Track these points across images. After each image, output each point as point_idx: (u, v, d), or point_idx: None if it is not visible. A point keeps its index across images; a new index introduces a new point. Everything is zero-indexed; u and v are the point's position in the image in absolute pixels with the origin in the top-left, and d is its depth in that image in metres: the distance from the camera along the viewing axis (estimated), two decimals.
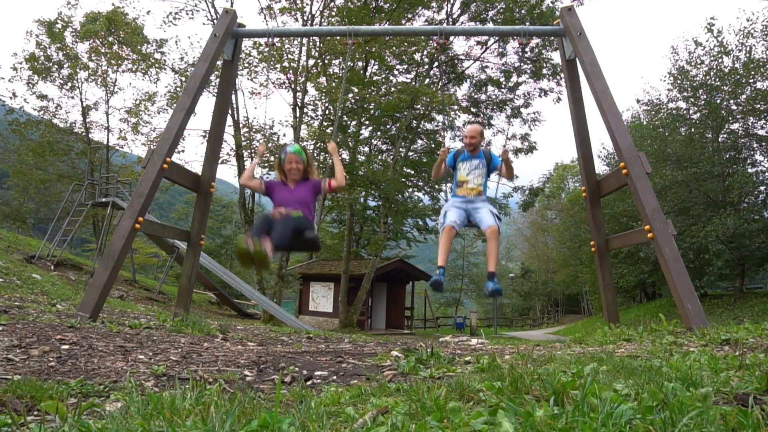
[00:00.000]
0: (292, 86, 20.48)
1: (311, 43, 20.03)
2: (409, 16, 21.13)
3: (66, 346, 3.28)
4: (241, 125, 20.63)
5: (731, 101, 20.20)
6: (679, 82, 21.33)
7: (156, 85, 79.32)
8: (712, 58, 20.38)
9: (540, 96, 24.18)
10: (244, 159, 20.97)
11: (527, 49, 20.76)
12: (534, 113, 25.01)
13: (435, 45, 7.39)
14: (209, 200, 6.57)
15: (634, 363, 2.18)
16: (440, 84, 21.28)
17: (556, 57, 21.72)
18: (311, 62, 20.50)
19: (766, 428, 1.18)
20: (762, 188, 20.95)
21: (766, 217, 20.42)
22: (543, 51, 22.31)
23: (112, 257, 5.31)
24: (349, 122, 22.54)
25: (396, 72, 23.23)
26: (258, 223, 3.73)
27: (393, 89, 21.00)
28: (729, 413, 1.24)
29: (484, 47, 23.42)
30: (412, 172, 25.14)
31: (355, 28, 6.35)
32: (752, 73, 19.16)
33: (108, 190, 20.31)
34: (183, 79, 21.41)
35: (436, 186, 23.65)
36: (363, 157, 23.20)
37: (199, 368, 2.91)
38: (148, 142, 25.29)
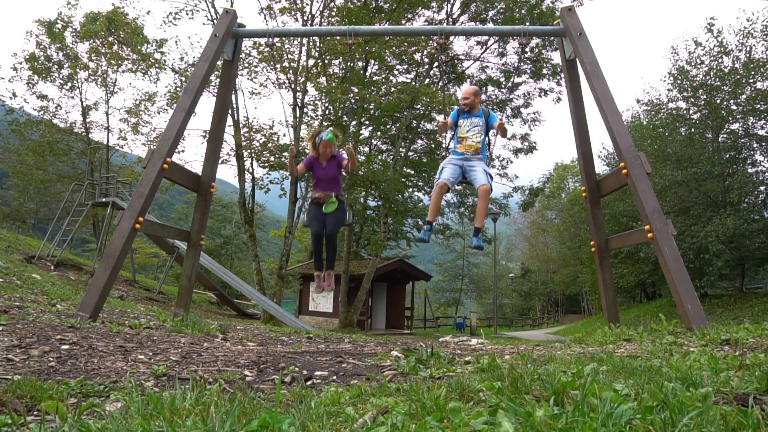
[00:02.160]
0: (292, 86, 20.48)
1: (311, 43, 20.03)
2: (409, 16, 21.12)
3: (66, 346, 3.28)
4: (241, 125, 20.63)
5: (731, 101, 20.19)
6: (679, 82, 21.32)
7: (156, 85, 79.53)
8: (712, 58, 20.36)
9: (540, 96, 24.20)
10: (244, 159, 20.98)
11: (527, 49, 20.77)
12: (534, 113, 25.06)
13: (435, 45, 7.57)
14: (209, 200, 6.57)
15: (634, 363, 2.18)
16: (440, 84, 21.29)
17: (556, 57, 21.75)
18: (311, 62, 20.50)
19: (766, 428, 1.18)
20: (762, 188, 20.94)
21: (766, 217, 20.40)
22: (543, 51, 22.32)
23: (112, 257, 5.31)
24: (349, 122, 22.52)
25: (396, 72, 23.24)
26: (312, 221, 5.16)
27: (393, 89, 21.00)
28: (729, 413, 1.24)
29: (484, 47, 23.42)
30: (412, 172, 25.15)
31: (355, 28, 6.35)
32: (752, 73, 19.14)
33: (108, 190, 20.31)
34: (183, 79, 21.40)
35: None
36: (363, 157, 23.20)
37: (199, 368, 2.91)
38: (148, 142, 25.30)
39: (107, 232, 19.46)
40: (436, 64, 21.45)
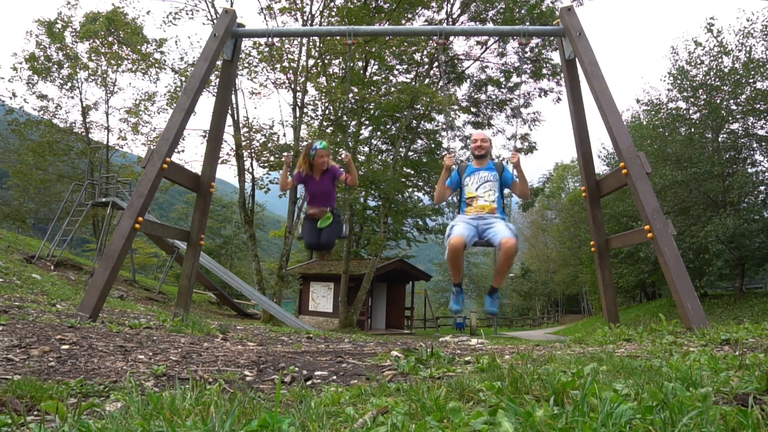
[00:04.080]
0: (292, 86, 20.48)
1: (311, 43, 20.03)
2: (409, 16, 21.13)
3: (66, 346, 3.28)
4: (241, 125, 20.63)
5: (731, 101, 20.21)
6: (679, 82, 21.33)
7: (156, 85, 79.67)
8: (711, 58, 20.37)
9: (540, 96, 24.22)
10: (244, 159, 20.98)
11: (527, 49, 20.76)
12: (534, 113, 25.07)
13: (435, 45, 7.20)
14: (209, 200, 6.57)
15: (634, 363, 2.18)
16: (440, 84, 21.28)
17: (556, 57, 21.75)
18: (311, 62, 20.50)
19: (766, 428, 1.18)
20: (762, 188, 20.96)
21: (766, 217, 20.42)
22: (543, 51, 22.32)
23: (112, 257, 5.31)
24: (349, 122, 22.54)
25: (396, 72, 23.24)
26: (306, 234, 4.99)
27: (393, 89, 21.00)
28: (729, 413, 1.24)
29: (484, 47, 23.43)
30: (412, 172, 25.15)
31: (355, 28, 6.35)
32: (752, 73, 19.15)
33: (108, 190, 20.33)
34: (183, 79, 21.41)
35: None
36: (363, 157, 23.21)
37: (199, 368, 2.91)
38: (148, 142, 25.30)
39: (107, 232, 19.46)
40: (436, 64, 21.44)
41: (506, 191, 4.56)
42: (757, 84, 19.49)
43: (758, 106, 19.39)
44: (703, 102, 20.61)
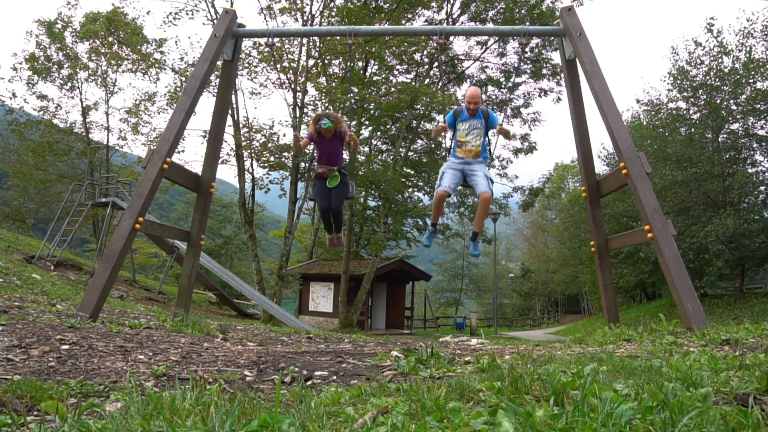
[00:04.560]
0: (292, 86, 20.48)
1: (311, 43, 20.03)
2: (409, 16, 21.13)
3: (66, 346, 3.28)
4: (241, 125, 20.63)
5: (731, 101, 20.19)
6: (679, 82, 21.32)
7: (156, 85, 79.59)
8: (712, 59, 20.36)
9: (540, 96, 24.20)
10: (244, 159, 20.98)
11: (527, 49, 20.77)
12: (534, 113, 25.06)
13: (435, 45, 7.49)
14: (209, 200, 6.57)
15: (634, 363, 2.18)
16: (440, 84, 21.29)
17: (556, 57, 21.75)
18: (311, 62, 20.50)
19: (766, 428, 1.18)
20: (762, 188, 20.94)
21: (766, 217, 20.40)
22: (543, 51, 22.31)
23: (112, 257, 5.31)
24: (349, 122, 22.52)
25: (396, 72, 23.24)
26: (317, 195, 5.55)
27: (393, 89, 21.00)
28: (729, 413, 1.24)
29: (484, 47, 23.43)
30: (412, 172, 25.15)
31: (355, 28, 6.35)
32: (752, 73, 19.14)
33: (108, 190, 20.31)
34: (183, 79, 21.41)
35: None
36: (363, 157, 23.20)
37: (199, 368, 2.91)
38: (148, 142, 25.30)
39: (107, 232, 19.46)
40: (436, 64, 21.44)
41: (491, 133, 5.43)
42: (757, 84, 19.49)
43: (758, 106, 19.38)
44: (703, 102, 20.60)
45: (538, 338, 19.33)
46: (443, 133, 5.48)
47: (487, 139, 5.30)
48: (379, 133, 25.66)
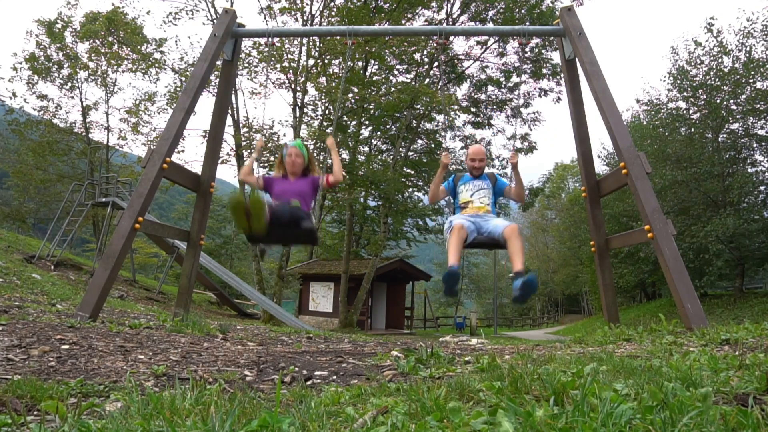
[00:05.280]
0: (292, 86, 20.48)
1: (311, 43, 20.03)
2: (409, 16, 21.14)
3: (66, 346, 3.28)
4: (241, 125, 20.63)
5: (731, 101, 20.21)
6: (679, 82, 21.34)
7: (156, 85, 79.55)
8: (711, 58, 20.38)
9: (540, 96, 24.21)
10: (244, 159, 20.97)
11: (527, 49, 20.76)
12: (534, 113, 25.06)
13: (435, 45, 7.25)
14: (209, 200, 6.57)
15: (634, 363, 2.18)
16: (440, 84, 21.30)
17: (556, 57, 21.74)
18: (311, 62, 20.50)
19: (766, 428, 1.18)
20: (762, 188, 20.96)
21: (766, 217, 20.42)
22: (543, 51, 22.32)
23: (112, 257, 5.31)
24: (349, 122, 22.54)
25: (396, 72, 23.25)
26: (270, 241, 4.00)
27: (393, 89, 21.00)
28: (729, 413, 1.24)
29: (484, 47, 23.43)
30: (412, 172, 25.16)
31: (355, 28, 6.35)
32: (752, 73, 19.16)
33: (108, 190, 20.31)
34: (183, 79, 21.42)
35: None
36: (363, 157, 23.20)
37: (199, 368, 2.91)
38: (148, 142, 25.31)
39: (107, 232, 19.46)
40: (436, 64, 21.44)
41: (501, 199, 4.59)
42: (757, 84, 19.50)
43: (758, 106, 19.39)
44: (703, 102, 20.61)
45: (538, 338, 19.33)
46: (441, 195, 4.52)
47: (496, 202, 4.47)
48: (379, 133, 25.66)
